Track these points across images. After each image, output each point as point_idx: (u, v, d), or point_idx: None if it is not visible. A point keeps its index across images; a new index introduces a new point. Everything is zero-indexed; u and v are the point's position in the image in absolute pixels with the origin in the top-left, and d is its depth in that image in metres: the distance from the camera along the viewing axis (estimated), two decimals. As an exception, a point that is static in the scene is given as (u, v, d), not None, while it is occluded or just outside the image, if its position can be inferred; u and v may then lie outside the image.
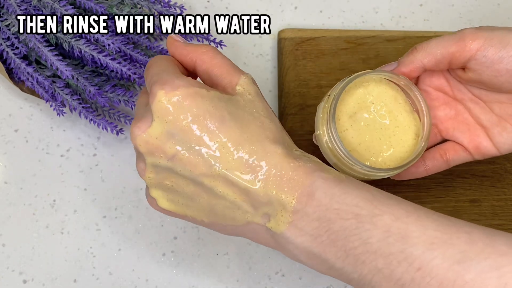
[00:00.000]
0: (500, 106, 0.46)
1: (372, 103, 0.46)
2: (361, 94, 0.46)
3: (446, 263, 0.33)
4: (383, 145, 0.45)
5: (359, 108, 0.46)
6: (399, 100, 0.46)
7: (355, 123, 0.45)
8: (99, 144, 0.56)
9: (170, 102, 0.36)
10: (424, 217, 0.35)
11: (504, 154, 0.47)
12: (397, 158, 0.45)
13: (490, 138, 0.46)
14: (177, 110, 0.36)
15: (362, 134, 0.45)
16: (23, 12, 0.51)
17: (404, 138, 0.46)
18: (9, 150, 0.56)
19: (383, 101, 0.46)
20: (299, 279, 0.53)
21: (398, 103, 0.46)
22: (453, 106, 0.48)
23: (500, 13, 0.63)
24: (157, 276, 0.52)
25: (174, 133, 0.37)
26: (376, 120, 0.46)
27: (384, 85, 0.46)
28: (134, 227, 0.54)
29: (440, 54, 0.44)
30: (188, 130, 0.36)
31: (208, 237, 0.54)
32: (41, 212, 0.54)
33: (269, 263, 0.53)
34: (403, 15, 0.62)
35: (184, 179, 0.38)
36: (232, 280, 0.53)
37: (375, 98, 0.46)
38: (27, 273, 0.52)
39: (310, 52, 0.58)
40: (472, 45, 0.43)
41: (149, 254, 0.53)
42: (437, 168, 0.48)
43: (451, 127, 0.48)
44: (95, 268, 0.53)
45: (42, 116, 0.57)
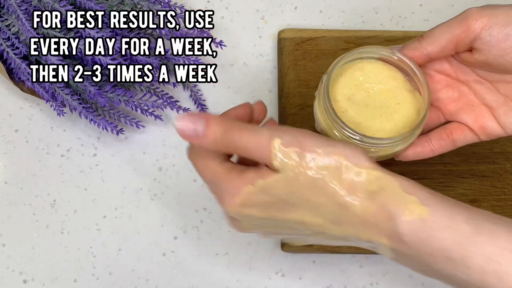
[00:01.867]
0: (507, 86, 0.45)
1: (369, 83, 0.46)
2: (357, 75, 0.46)
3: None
4: (385, 122, 0.45)
5: (356, 90, 0.46)
6: (398, 80, 0.46)
7: (354, 104, 0.45)
8: (99, 144, 0.56)
9: (236, 211, 0.38)
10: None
11: (510, 134, 0.46)
12: (400, 133, 0.45)
13: (496, 118, 0.46)
14: (246, 211, 0.38)
15: (362, 113, 0.45)
16: (23, 12, 0.51)
17: (406, 114, 0.45)
18: (9, 150, 0.56)
19: (381, 81, 0.46)
20: (299, 279, 0.53)
21: (397, 82, 0.46)
22: (456, 87, 0.47)
23: (500, 13, 0.63)
24: (157, 276, 0.52)
25: (260, 222, 0.39)
26: (376, 99, 0.45)
27: (381, 65, 0.46)
28: (134, 227, 0.54)
29: (445, 40, 0.43)
30: (267, 218, 0.39)
31: (208, 237, 0.54)
32: (41, 212, 0.54)
33: (269, 263, 0.53)
34: (403, 15, 0.62)
35: (297, 232, 0.41)
36: (232, 280, 0.53)
37: (373, 79, 0.46)
38: (27, 273, 0.52)
39: (310, 52, 0.58)
40: (476, 24, 0.42)
41: (149, 254, 0.53)
42: (443, 148, 0.47)
43: (455, 109, 0.47)
44: (95, 268, 0.53)
45: (42, 116, 0.57)
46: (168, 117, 0.57)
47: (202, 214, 0.54)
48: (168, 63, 0.56)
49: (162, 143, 0.57)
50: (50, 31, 0.52)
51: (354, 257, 0.53)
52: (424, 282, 0.53)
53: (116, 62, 0.51)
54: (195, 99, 0.58)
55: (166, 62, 0.56)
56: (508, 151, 0.55)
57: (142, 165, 0.56)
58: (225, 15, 0.62)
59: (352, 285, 0.53)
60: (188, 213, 0.54)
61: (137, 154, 0.56)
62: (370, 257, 0.53)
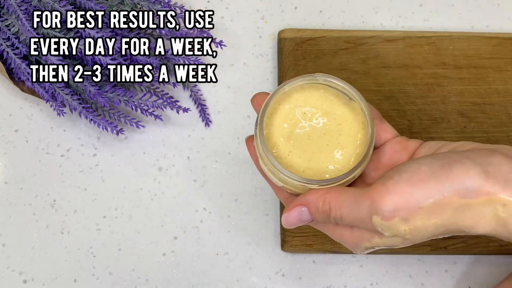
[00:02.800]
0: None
1: (303, 113, 0.42)
2: (287, 110, 0.42)
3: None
4: (334, 149, 0.42)
5: (293, 125, 0.42)
6: (330, 97, 0.43)
7: (296, 141, 0.42)
8: (99, 144, 0.56)
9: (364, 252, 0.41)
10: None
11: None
12: (354, 155, 0.42)
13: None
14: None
15: (308, 149, 0.42)
16: (23, 12, 0.51)
17: (352, 133, 0.42)
18: (9, 150, 0.56)
19: (313, 106, 0.43)
20: (299, 279, 0.53)
21: (329, 100, 0.43)
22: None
23: (500, 13, 0.63)
24: (157, 276, 0.52)
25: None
26: (316, 128, 0.42)
27: (307, 91, 0.43)
28: (134, 227, 0.54)
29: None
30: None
31: (208, 237, 0.54)
32: (41, 212, 0.54)
33: (269, 263, 0.53)
34: (403, 15, 0.62)
35: None
36: (232, 280, 0.53)
37: (304, 107, 0.43)
38: (27, 273, 0.52)
39: (310, 52, 0.58)
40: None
41: (149, 254, 0.53)
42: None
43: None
44: (95, 268, 0.53)
45: (42, 116, 0.57)
46: (168, 117, 0.57)
47: (202, 214, 0.54)
48: (168, 63, 0.56)
49: (162, 143, 0.57)
50: (50, 31, 0.52)
51: (354, 257, 0.53)
52: (424, 282, 0.53)
53: (116, 62, 0.51)
54: (195, 99, 0.58)
55: (166, 62, 0.56)
56: (508, 151, 0.55)
57: (142, 165, 0.56)
58: (225, 15, 0.62)
59: (352, 285, 0.53)
60: (188, 213, 0.54)
61: (137, 154, 0.56)
62: (370, 257, 0.53)
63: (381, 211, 0.36)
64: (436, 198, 0.35)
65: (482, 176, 0.35)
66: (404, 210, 0.36)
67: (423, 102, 0.57)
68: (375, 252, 0.53)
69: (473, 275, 0.53)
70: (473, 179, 0.35)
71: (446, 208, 0.35)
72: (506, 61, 0.59)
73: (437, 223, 0.36)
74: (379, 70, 0.58)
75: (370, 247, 0.39)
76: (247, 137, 0.45)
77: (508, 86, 0.58)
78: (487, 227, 0.36)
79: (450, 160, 0.36)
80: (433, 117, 0.57)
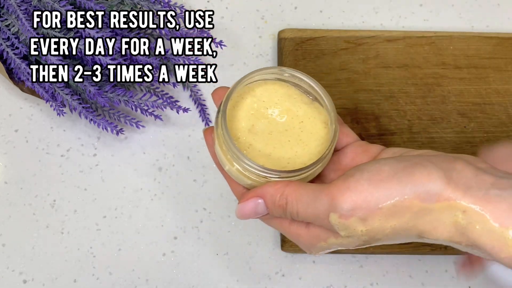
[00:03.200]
0: None
1: (266, 108, 0.42)
2: (250, 103, 0.42)
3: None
4: (295, 146, 0.41)
5: (255, 119, 0.42)
6: (294, 95, 0.43)
7: (257, 135, 0.41)
8: (99, 144, 0.56)
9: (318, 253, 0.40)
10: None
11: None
12: (315, 153, 0.41)
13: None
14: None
15: (269, 143, 0.41)
16: (23, 12, 0.51)
17: (314, 130, 0.42)
18: (9, 150, 0.56)
19: (276, 102, 0.42)
20: (299, 279, 0.53)
21: (293, 98, 0.43)
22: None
23: (500, 13, 0.63)
24: (157, 276, 0.52)
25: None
26: (278, 123, 0.42)
27: (271, 86, 0.43)
28: (134, 227, 0.54)
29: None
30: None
31: (208, 237, 0.54)
32: (41, 212, 0.54)
33: (269, 263, 0.53)
34: (403, 15, 0.62)
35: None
36: (232, 280, 0.53)
37: (268, 102, 0.42)
38: (27, 273, 0.52)
39: (310, 52, 0.58)
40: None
41: (149, 254, 0.53)
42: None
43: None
44: (95, 268, 0.53)
45: (42, 116, 0.57)
46: (168, 117, 0.57)
47: (202, 214, 0.54)
48: (168, 63, 0.56)
49: (162, 143, 0.57)
50: (50, 31, 0.52)
51: (354, 257, 0.53)
52: (424, 282, 0.53)
53: (116, 62, 0.51)
54: (195, 99, 0.58)
55: (166, 62, 0.56)
56: (508, 151, 0.55)
57: (142, 165, 0.56)
58: (225, 15, 0.62)
59: (352, 285, 0.53)
60: (188, 213, 0.54)
61: (137, 154, 0.56)
62: (370, 257, 0.53)
63: (339, 209, 0.35)
64: (396, 200, 0.35)
65: (444, 180, 0.34)
66: (363, 210, 0.35)
67: (423, 102, 0.57)
68: (375, 252, 0.53)
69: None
70: (435, 183, 0.34)
71: (405, 211, 0.35)
72: (506, 61, 0.59)
73: (395, 226, 0.35)
74: (379, 70, 0.58)
75: (326, 248, 0.38)
76: (205, 128, 0.44)
77: (508, 86, 0.58)
78: (446, 233, 0.35)
79: (413, 163, 0.35)
80: (433, 117, 0.57)
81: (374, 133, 0.56)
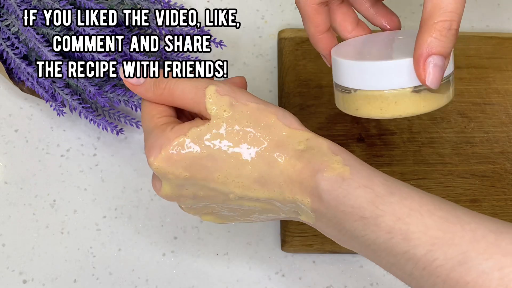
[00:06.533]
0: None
1: None
2: None
3: (447, 264, 0.33)
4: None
5: None
6: None
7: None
8: (99, 144, 0.56)
9: (161, 165, 0.38)
10: (427, 214, 0.34)
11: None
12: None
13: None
14: (171, 168, 0.38)
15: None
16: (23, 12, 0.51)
17: None
18: (9, 150, 0.56)
19: None
20: (299, 279, 0.53)
21: None
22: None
23: (500, 13, 0.63)
24: (157, 276, 0.52)
25: (182, 183, 0.39)
26: None
27: None
28: (134, 227, 0.54)
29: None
30: (191, 178, 0.38)
31: (208, 237, 0.54)
32: (41, 212, 0.54)
33: (269, 263, 0.53)
34: (403, 15, 0.62)
35: (215, 204, 0.41)
36: (232, 280, 0.53)
37: None
38: (27, 273, 0.52)
39: (310, 52, 0.58)
40: None
41: (149, 254, 0.53)
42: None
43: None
44: (95, 268, 0.53)
45: (42, 116, 0.57)
46: (168, 117, 0.57)
47: (202, 214, 0.54)
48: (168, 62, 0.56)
49: (162, 143, 0.57)
50: (50, 31, 0.52)
51: (354, 257, 0.53)
52: (424, 282, 0.53)
53: (110, 58, 0.51)
54: (195, 99, 0.58)
55: (166, 61, 0.56)
56: (508, 151, 0.55)
57: (142, 165, 0.56)
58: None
59: (352, 285, 0.53)
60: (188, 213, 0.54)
61: (137, 154, 0.56)
62: (370, 257, 0.53)
63: (219, 85, 0.38)
64: (261, 107, 0.39)
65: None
66: (237, 97, 0.38)
67: (423, 102, 0.57)
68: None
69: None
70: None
71: (267, 119, 0.38)
72: (506, 61, 0.59)
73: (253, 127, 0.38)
74: (379, 70, 0.58)
75: (177, 150, 0.38)
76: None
77: (508, 86, 0.58)
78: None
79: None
80: (433, 117, 0.57)
81: (374, 133, 0.56)
